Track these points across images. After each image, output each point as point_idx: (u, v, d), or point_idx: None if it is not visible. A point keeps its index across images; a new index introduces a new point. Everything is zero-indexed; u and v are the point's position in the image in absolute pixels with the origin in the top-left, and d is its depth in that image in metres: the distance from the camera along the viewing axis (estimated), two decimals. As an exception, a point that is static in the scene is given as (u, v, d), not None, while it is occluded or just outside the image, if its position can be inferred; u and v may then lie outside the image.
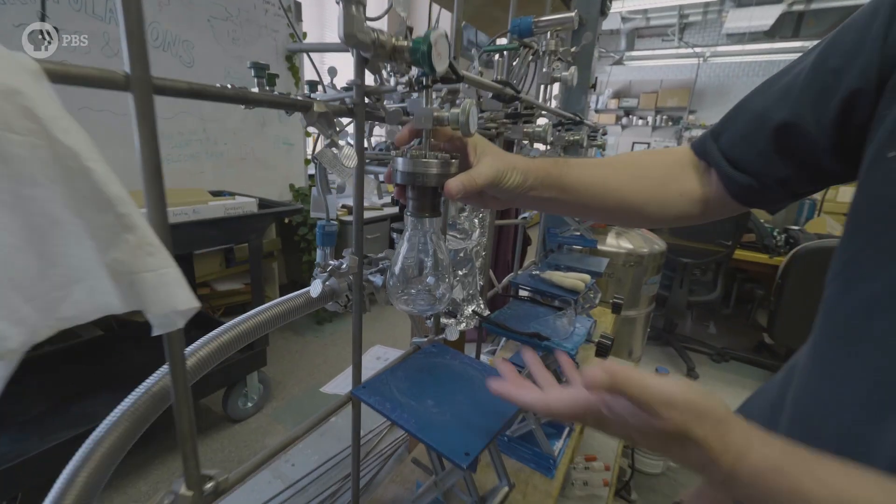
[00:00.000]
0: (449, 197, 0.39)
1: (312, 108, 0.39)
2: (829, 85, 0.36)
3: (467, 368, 0.49)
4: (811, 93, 0.38)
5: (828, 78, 0.36)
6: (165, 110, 1.89)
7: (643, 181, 0.50)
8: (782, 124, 0.40)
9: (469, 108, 0.37)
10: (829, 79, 0.36)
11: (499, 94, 0.55)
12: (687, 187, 0.50)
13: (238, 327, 0.41)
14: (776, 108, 0.41)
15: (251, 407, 1.86)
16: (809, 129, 0.38)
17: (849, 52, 0.35)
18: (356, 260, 0.48)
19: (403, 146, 0.43)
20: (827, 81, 0.36)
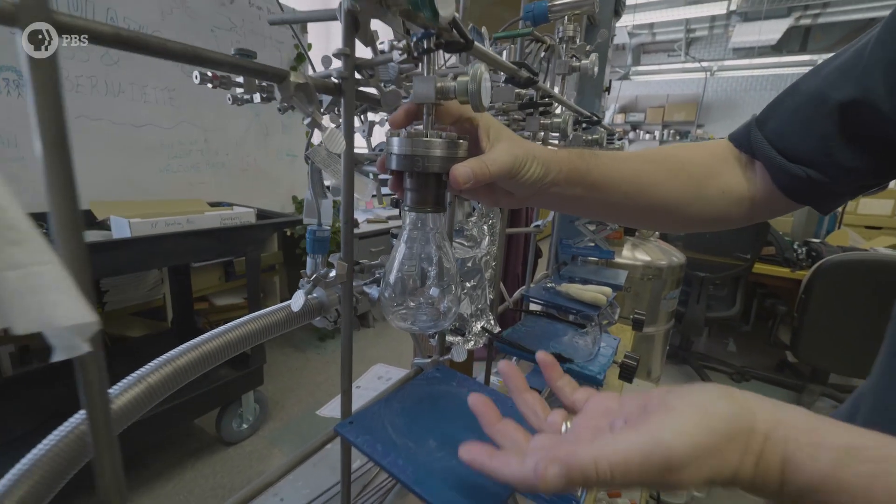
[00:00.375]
0: (454, 186, 0.31)
1: (289, 78, 0.32)
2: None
3: (478, 398, 0.40)
4: (882, 66, 0.32)
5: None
6: (165, 120, 1.86)
7: (681, 178, 0.43)
8: (849, 102, 0.34)
9: (480, 74, 0.29)
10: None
11: (513, 77, 0.48)
12: (729, 184, 0.43)
13: (192, 352, 0.33)
14: (836, 86, 0.35)
15: (246, 429, 1.76)
16: (883, 105, 0.32)
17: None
18: (345, 266, 0.40)
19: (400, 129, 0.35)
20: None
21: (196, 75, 0.48)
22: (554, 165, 0.36)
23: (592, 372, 0.55)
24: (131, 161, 1.77)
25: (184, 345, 0.34)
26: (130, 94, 1.72)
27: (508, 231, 0.94)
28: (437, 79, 0.31)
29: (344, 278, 0.41)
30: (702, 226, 0.46)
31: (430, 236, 0.35)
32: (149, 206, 1.42)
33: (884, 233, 2.88)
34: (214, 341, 0.37)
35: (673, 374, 2.56)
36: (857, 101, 0.34)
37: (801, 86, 0.40)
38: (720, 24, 6.16)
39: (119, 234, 1.25)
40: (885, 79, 0.32)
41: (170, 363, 0.33)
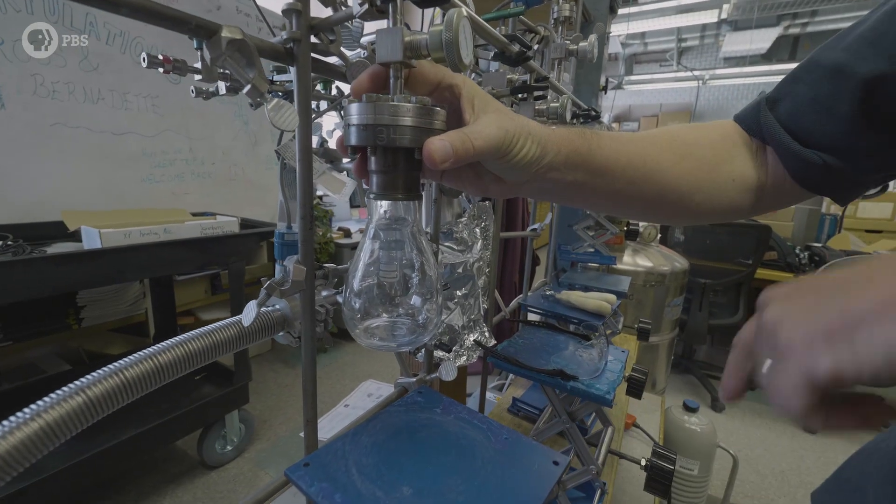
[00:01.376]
0: (430, 164, 0.25)
1: (219, 32, 0.25)
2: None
3: (466, 429, 0.33)
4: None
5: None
6: (148, 128, 1.79)
7: (690, 161, 0.37)
8: (876, 76, 0.29)
9: (457, 21, 0.23)
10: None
11: (503, 52, 0.42)
12: (740, 170, 0.38)
13: (95, 387, 0.26)
14: (861, 58, 0.31)
15: (230, 451, 1.66)
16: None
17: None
18: (302, 271, 0.33)
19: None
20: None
21: (143, 58, 0.41)
22: (551, 145, 0.30)
23: (600, 391, 0.48)
24: (111, 170, 1.70)
25: (94, 373, 0.27)
26: (111, 101, 1.66)
27: (503, 235, 0.88)
28: (405, 31, 0.24)
29: (302, 285, 0.34)
30: (712, 216, 0.41)
31: (403, 231, 0.28)
32: (124, 216, 1.34)
33: (884, 236, 2.85)
34: (128, 371, 0.29)
35: (677, 383, 2.49)
36: (886, 75, 0.29)
37: (819, 59, 0.34)
38: (711, 33, 6.22)
39: (90, 244, 1.18)
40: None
41: (74, 397, 0.25)
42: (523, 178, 0.31)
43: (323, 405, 1.98)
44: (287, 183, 0.55)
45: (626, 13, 4.79)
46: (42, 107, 1.48)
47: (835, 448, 1.95)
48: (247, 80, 0.27)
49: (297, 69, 0.30)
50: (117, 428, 1.28)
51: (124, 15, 0.22)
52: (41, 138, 1.49)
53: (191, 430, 1.53)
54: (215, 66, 0.27)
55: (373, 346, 0.28)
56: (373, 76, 0.28)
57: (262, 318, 0.38)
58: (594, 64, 1.15)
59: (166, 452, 1.69)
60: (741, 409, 2.25)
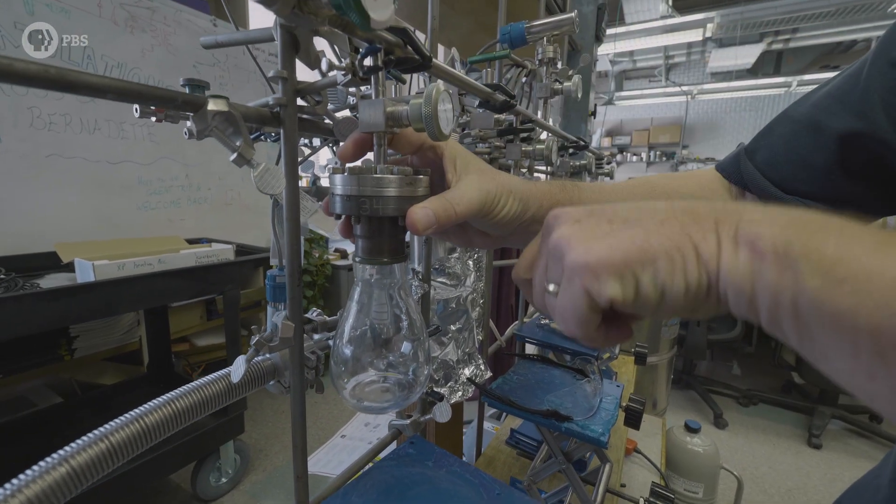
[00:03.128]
0: (413, 232, 0.25)
1: (206, 106, 0.26)
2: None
3: (458, 485, 0.32)
4: (881, 92, 0.30)
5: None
6: (144, 156, 1.81)
7: None
8: (849, 132, 0.31)
9: (436, 94, 0.23)
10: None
11: (487, 101, 0.43)
12: None
13: (71, 460, 0.26)
14: (831, 114, 0.32)
15: (225, 483, 1.63)
16: (885, 135, 0.30)
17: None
18: (291, 328, 0.33)
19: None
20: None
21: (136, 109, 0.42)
22: (533, 200, 0.31)
23: (595, 433, 0.47)
24: (107, 199, 1.70)
25: (66, 448, 0.26)
26: (107, 131, 1.68)
27: (497, 264, 0.88)
28: (387, 102, 0.25)
29: (291, 342, 0.34)
30: None
31: (390, 293, 0.29)
32: (119, 246, 1.34)
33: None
34: (119, 433, 0.29)
35: (678, 399, 2.46)
36: (858, 132, 0.31)
37: (791, 113, 0.37)
38: (697, 50, 6.38)
39: (83, 277, 1.17)
40: (888, 110, 0.29)
41: (46, 474, 0.25)
42: (507, 232, 0.32)
43: (322, 432, 1.94)
44: (279, 220, 0.55)
45: (614, 33, 4.91)
46: (38, 138, 1.49)
47: (841, 464, 1.93)
48: (234, 149, 0.28)
49: (284, 132, 0.31)
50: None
51: (111, 99, 0.23)
52: (37, 170, 1.49)
53: (184, 464, 1.50)
54: (202, 136, 0.27)
55: (359, 409, 0.28)
56: (357, 143, 0.28)
57: (252, 368, 0.38)
58: (583, 90, 1.18)
59: (159, 486, 1.65)
60: (744, 426, 2.23)
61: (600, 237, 0.20)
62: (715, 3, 4.83)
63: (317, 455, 1.22)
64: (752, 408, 2.42)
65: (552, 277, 0.22)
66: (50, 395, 1.67)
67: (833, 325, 0.15)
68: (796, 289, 0.16)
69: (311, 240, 2.48)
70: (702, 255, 0.18)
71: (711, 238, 0.19)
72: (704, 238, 0.19)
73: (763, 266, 0.17)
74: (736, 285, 0.18)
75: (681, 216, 0.20)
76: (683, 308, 0.19)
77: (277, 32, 0.29)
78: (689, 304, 0.19)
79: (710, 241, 0.19)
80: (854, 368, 0.15)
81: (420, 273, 0.54)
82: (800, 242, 0.16)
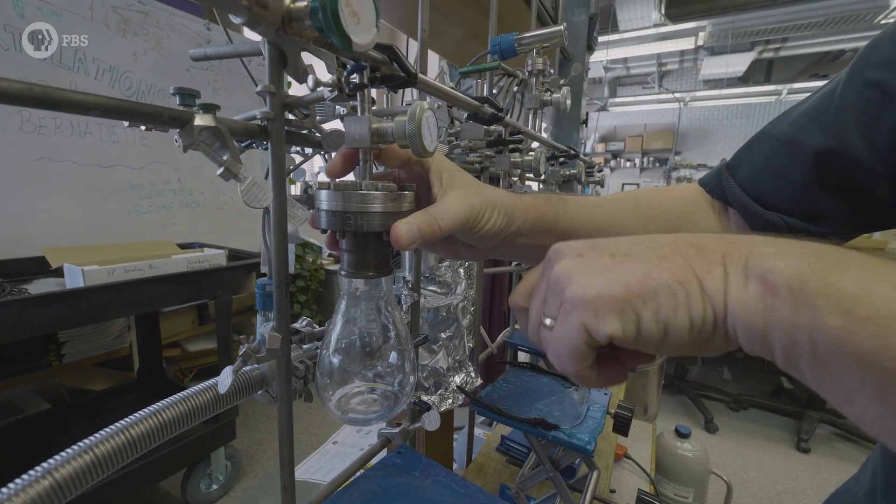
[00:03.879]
0: (398, 247, 0.26)
1: (192, 121, 0.26)
2: (875, 101, 0.30)
3: (444, 495, 0.33)
4: (854, 111, 0.31)
5: (870, 93, 0.30)
6: (136, 160, 1.80)
7: (656, 224, 0.39)
8: (824, 150, 0.32)
9: (420, 113, 0.24)
10: (872, 94, 0.30)
11: (476, 113, 0.43)
12: (704, 231, 0.40)
13: (54, 473, 0.26)
14: (808, 132, 0.33)
15: (216, 490, 1.61)
16: (859, 153, 0.31)
17: (892, 64, 0.29)
18: (278, 339, 0.33)
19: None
20: (871, 97, 0.30)
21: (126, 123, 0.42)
22: (518, 214, 0.31)
23: (581, 441, 0.48)
24: (97, 203, 1.69)
25: (49, 461, 0.26)
26: (98, 135, 1.67)
27: (488, 271, 0.89)
28: (372, 119, 0.26)
29: (278, 353, 0.34)
30: None
31: (376, 306, 0.29)
32: (109, 251, 1.33)
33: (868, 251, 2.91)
34: (105, 444, 0.29)
35: (670, 404, 2.48)
36: (833, 150, 0.32)
37: (770, 130, 0.38)
38: (689, 57, 6.47)
39: (72, 283, 1.16)
40: (861, 130, 0.30)
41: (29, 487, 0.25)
42: (492, 245, 0.32)
43: (315, 438, 1.94)
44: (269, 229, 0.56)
45: (607, 41, 4.97)
46: (28, 141, 1.48)
47: (829, 468, 1.94)
48: (220, 163, 0.28)
49: (272, 146, 0.31)
50: (96, 471, 1.24)
51: (96, 116, 0.23)
52: (26, 173, 1.48)
53: (175, 470, 1.48)
54: (188, 149, 0.28)
55: (345, 421, 0.29)
56: (345, 159, 0.29)
57: (240, 378, 0.38)
58: (574, 98, 1.19)
59: (148, 494, 1.63)
60: (735, 431, 2.24)
61: (601, 271, 0.20)
62: (707, 13, 4.91)
63: (308, 462, 1.21)
64: (743, 412, 2.44)
65: (549, 311, 0.21)
66: (38, 401, 1.65)
67: (857, 367, 0.14)
68: (814, 327, 0.15)
69: (304, 244, 2.47)
70: (706, 289, 0.18)
71: (717, 271, 0.18)
72: (710, 271, 0.18)
73: (776, 302, 0.16)
74: (746, 321, 0.17)
75: (685, 249, 0.19)
76: (689, 344, 0.19)
77: (265, 47, 0.29)
78: (695, 340, 0.18)
79: (715, 275, 0.18)
80: (884, 413, 0.14)
81: (410, 282, 0.54)
82: (816, 277, 0.15)
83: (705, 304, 0.18)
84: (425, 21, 0.47)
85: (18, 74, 1.43)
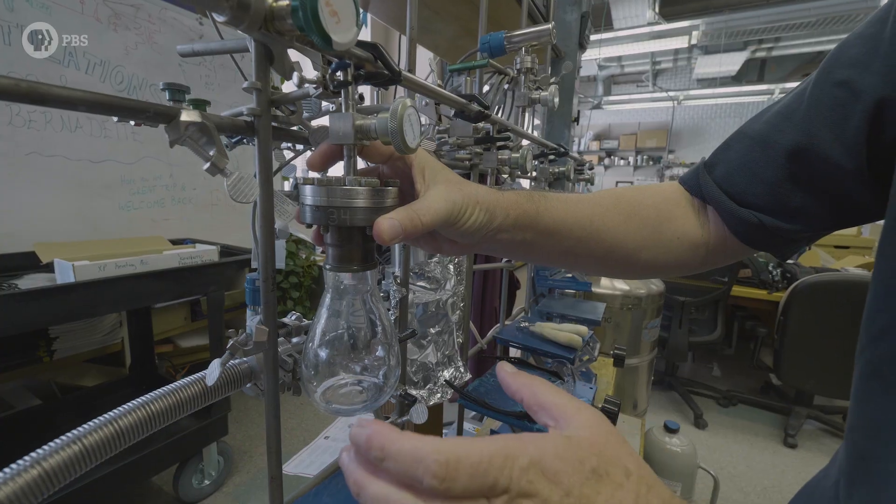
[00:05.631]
0: (380, 242, 0.26)
1: (179, 117, 0.27)
2: (843, 100, 0.31)
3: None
4: (823, 109, 0.32)
5: (838, 92, 0.31)
6: (128, 155, 1.78)
7: (635, 221, 0.40)
8: (795, 148, 0.33)
9: (402, 110, 0.25)
10: (840, 93, 0.31)
11: (462, 111, 0.44)
12: (684, 229, 0.41)
13: (42, 463, 0.26)
14: (780, 130, 0.34)
15: (208, 485, 1.61)
16: (829, 150, 0.32)
17: (859, 63, 0.30)
18: (264, 332, 0.34)
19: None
20: (839, 95, 0.31)
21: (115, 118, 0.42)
22: (500, 210, 0.32)
23: (566, 433, 0.49)
24: (88, 198, 1.68)
25: (37, 451, 0.27)
26: (89, 130, 1.65)
27: (478, 267, 0.89)
28: (356, 116, 0.26)
29: (265, 346, 0.34)
30: (659, 272, 0.44)
31: (361, 299, 0.30)
32: (100, 247, 1.33)
33: (852, 252, 2.96)
34: (93, 435, 0.30)
35: (660, 400, 2.51)
36: (804, 147, 0.33)
37: (745, 130, 0.39)
38: (683, 56, 6.51)
39: (63, 278, 1.16)
40: (830, 127, 0.31)
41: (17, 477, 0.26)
42: (474, 241, 0.33)
43: (307, 433, 1.94)
44: (260, 225, 0.56)
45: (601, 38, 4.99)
46: (18, 136, 1.46)
47: (815, 463, 1.98)
48: (207, 159, 0.29)
49: (259, 142, 0.31)
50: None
51: (82, 111, 0.24)
52: (16, 168, 1.47)
53: (166, 466, 1.48)
54: (175, 145, 0.28)
55: (329, 412, 0.29)
56: (326, 153, 0.29)
57: (228, 371, 0.39)
58: (566, 95, 1.20)
59: (140, 489, 1.63)
60: (724, 426, 2.28)
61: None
62: (700, 11, 4.93)
63: (299, 456, 1.22)
64: (732, 408, 2.48)
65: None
66: (28, 396, 1.64)
67: None
68: None
69: (297, 241, 2.46)
70: None
71: None
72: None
73: None
74: None
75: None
76: None
77: (251, 44, 0.29)
78: None
79: None
80: None
81: (399, 277, 0.55)
82: None
83: None
84: (414, 18, 0.48)
85: (8, 68, 1.41)
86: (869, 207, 0.32)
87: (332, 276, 0.29)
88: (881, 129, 0.29)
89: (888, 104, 0.28)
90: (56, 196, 1.58)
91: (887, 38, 0.28)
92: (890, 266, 0.28)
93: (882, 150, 0.29)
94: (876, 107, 0.29)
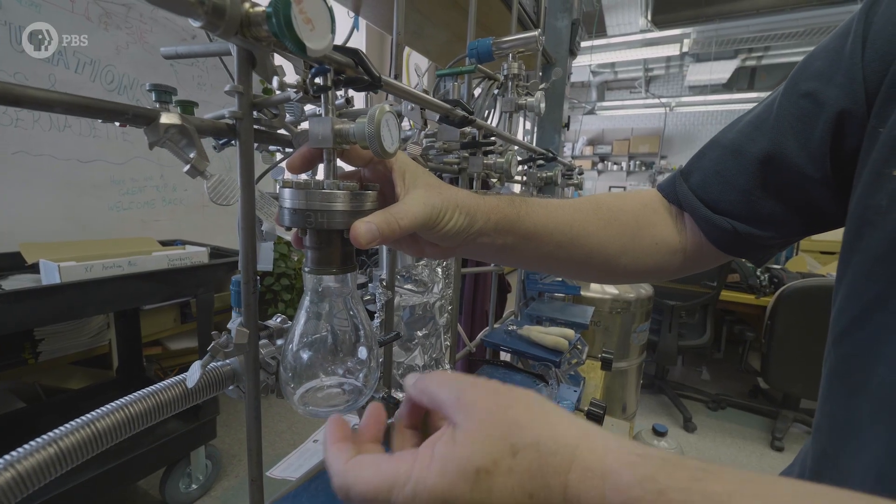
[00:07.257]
0: (357, 245, 0.27)
1: (158, 119, 0.27)
2: (808, 110, 0.32)
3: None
4: (790, 120, 0.33)
5: (804, 103, 0.32)
6: (117, 156, 1.77)
7: (614, 227, 0.41)
8: (765, 156, 0.34)
9: (380, 115, 0.25)
10: (805, 104, 0.32)
11: (447, 116, 0.44)
12: (661, 235, 0.42)
13: (17, 465, 0.26)
14: (751, 140, 0.36)
15: (196, 489, 1.59)
16: (796, 159, 0.33)
17: (823, 75, 0.31)
18: (245, 334, 0.34)
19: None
20: (804, 106, 0.32)
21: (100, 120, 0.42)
22: (480, 214, 0.32)
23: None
24: (77, 198, 1.66)
25: (12, 453, 0.27)
26: (77, 129, 1.64)
27: (466, 271, 0.90)
28: (335, 120, 0.27)
29: (246, 348, 0.34)
30: (637, 277, 0.45)
31: (341, 302, 0.30)
32: (87, 248, 1.31)
33: (837, 257, 3.00)
34: (69, 438, 0.29)
35: (650, 404, 2.52)
36: (773, 156, 0.34)
37: (719, 139, 0.40)
38: (675, 63, 6.59)
39: (48, 279, 1.14)
40: (796, 136, 0.32)
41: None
42: (455, 244, 0.33)
43: (297, 437, 1.92)
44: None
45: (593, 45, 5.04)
46: (4, 135, 1.45)
47: (801, 466, 2.00)
48: (187, 161, 0.29)
49: (240, 145, 0.32)
50: (74, 469, 1.22)
51: (59, 112, 0.24)
52: (2, 167, 1.45)
53: (153, 469, 1.47)
54: (154, 147, 0.28)
55: (307, 414, 0.29)
56: (305, 157, 0.30)
57: (210, 373, 0.39)
58: (556, 101, 1.21)
59: (126, 493, 1.60)
60: (712, 430, 2.29)
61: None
62: (692, 20, 5.01)
63: (288, 460, 1.21)
64: (721, 412, 2.50)
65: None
66: (12, 399, 1.61)
67: None
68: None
69: (289, 242, 2.45)
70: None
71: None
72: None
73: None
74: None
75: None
76: None
77: (234, 48, 0.30)
78: None
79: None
80: None
81: (385, 280, 0.55)
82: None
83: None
84: (401, 23, 0.48)
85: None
86: (836, 214, 0.33)
87: (311, 278, 0.29)
88: (843, 140, 0.30)
89: (848, 116, 0.29)
90: (44, 196, 1.56)
91: (847, 53, 0.29)
92: (850, 271, 0.29)
93: (844, 159, 0.30)
94: (838, 118, 0.30)
